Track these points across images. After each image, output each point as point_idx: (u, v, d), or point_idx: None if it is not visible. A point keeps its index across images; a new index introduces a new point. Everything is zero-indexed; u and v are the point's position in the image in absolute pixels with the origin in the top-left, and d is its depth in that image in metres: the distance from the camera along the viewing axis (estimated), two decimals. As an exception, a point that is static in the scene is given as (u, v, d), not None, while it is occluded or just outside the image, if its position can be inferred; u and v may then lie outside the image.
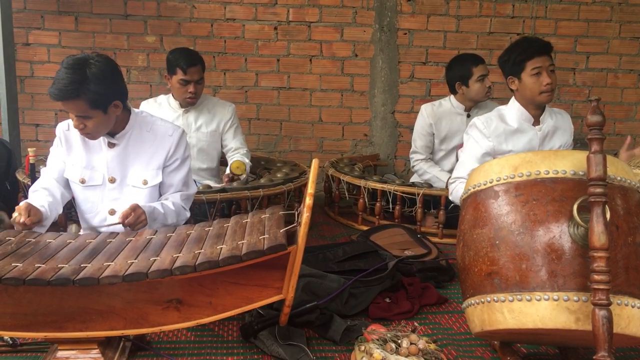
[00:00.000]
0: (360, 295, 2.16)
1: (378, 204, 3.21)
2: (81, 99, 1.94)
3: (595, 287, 1.35)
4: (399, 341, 1.63)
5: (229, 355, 1.83)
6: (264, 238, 1.61)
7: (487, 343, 1.90)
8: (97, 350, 1.64)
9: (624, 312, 1.41)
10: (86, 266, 1.59)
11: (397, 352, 1.60)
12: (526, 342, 1.89)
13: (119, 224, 1.97)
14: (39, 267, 1.58)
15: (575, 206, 1.42)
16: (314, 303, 1.96)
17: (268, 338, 1.83)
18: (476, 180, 1.65)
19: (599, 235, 1.36)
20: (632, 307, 1.42)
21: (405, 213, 3.19)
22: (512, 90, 2.64)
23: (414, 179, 3.59)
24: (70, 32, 3.95)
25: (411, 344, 1.62)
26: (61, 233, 1.89)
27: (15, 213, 1.93)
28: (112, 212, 2.17)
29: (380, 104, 4.15)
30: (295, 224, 1.65)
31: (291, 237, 1.62)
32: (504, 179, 1.57)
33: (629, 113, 4.25)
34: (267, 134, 4.16)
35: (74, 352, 1.65)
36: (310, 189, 1.56)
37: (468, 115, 3.38)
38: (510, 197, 1.54)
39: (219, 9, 3.99)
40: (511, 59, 2.56)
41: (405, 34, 4.07)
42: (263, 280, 1.60)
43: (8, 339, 1.79)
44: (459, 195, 2.59)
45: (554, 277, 1.43)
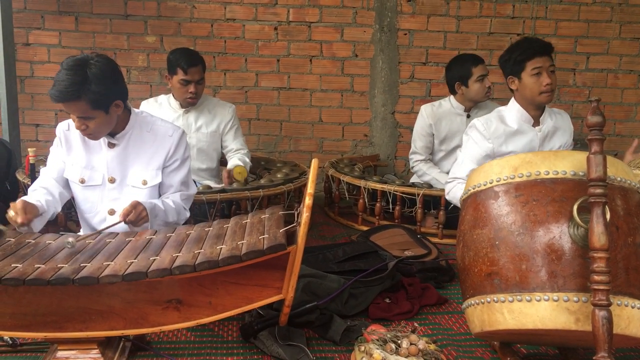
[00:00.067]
0: (360, 296, 2.16)
1: (378, 204, 3.21)
2: (82, 100, 1.94)
3: (595, 287, 1.35)
4: (399, 341, 1.63)
5: (229, 355, 1.83)
6: (263, 238, 1.61)
7: (487, 343, 1.90)
8: (97, 350, 1.64)
9: (624, 312, 1.41)
10: (86, 266, 1.59)
11: (397, 353, 1.60)
12: (526, 343, 1.89)
13: (121, 222, 1.97)
14: (39, 267, 1.58)
15: (575, 207, 1.43)
16: (313, 303, 1.96)
17: (268, 338, 1.83)
18: (476, 181, 1.65)
19: (599, 236, 1.36)
20: (632, 307, 1.42)
21: (405, 213, 3.19)
22: (512, 91, 2.64)
23: (414, 179, 3.58)
24: (71, 32, 3.95)
25: (411, 344, 1.62)
26: (61, 234, 1.89)
27: (11, 211, 1.91)
28: (111, 212, 2.17)
29: (381, 105, 4.15)
30: (295, 224, 1.65)
31: (291, 237, 1.62)
32: (504, 180, 1.57)
33: (629, 114, 4.25)
34: (267, 134, 4.16)
35: (73, 352, 1.65)
36: (310, 189, 1.56)
37: (468, 116, 3.38)
38: (510, 198, 1.54)
39: (219, 9, 3.99)
40: (512, 58, 2.56)
41: (405, 34, 4.07)
42: (263, 281, 1.60)
43: (8, 339, 1.80)
44: (456, 195, 2.61)
45: (554, 277, 1.43)
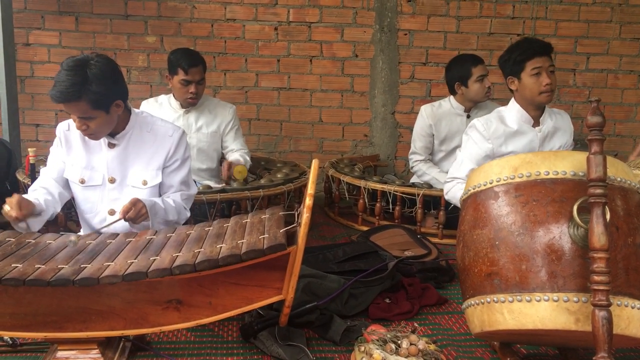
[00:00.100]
0: (360, 296, 2.16)
1: (378, 204, 3.21)
2: (83, 100, 1.94)
3: (595, 288, 1.35)
4: (399, 342, 1.63)
5: (229, 355, 1.83)
6: (263, 238, 1.61)
7: (487, 344, 1.90)
8: (97, 350, 1.64)
9: (624, 313, 1.41)
10: (86, 266, 1.59)
11: (396, 353, 1.60)
12: (526, 343, 1.89)
13: (121, 219, 1.97)
14: (39, 267, 1.58)
15: (575, 207, 1.43)
16: (314, 303, 1.96)
17: (268, 338, 1.83)
18: (476, 181, 1.65)
19: (598, 236, 1.36)
20: (632, 308, 1.42)
21: (405, 214, 3.19)
22: (511, 91, 2.64)
23: (414, 179, 3.58)
24: (71, 32, 3.95)
25: (411, 344, 1.62)
26: (61, 234, 1.89)
27: (6, 206, 1.90)
28: (111, 213, 2.17)
29: (381, 105, 4.15)
30: (295, 225, 1.65)
31: (291, 237, 1.62)
32: (504, 180, 1.57)
33: (629, 114, 4.25)
34: (267, 135, 4.16)
35: (73, 352, 1.65)
36: (310, 189, 1.56)
37: (468, 116, 3.38)
38: (510, 198, 1.54)
39: (220, 9, 3.99)
40: (511, 58, 2.56)
41: (405, 34, 4.07)
42: (263, 281, 1.60)
43: (8, 339, 1.80)
44: (455, 195, 2.61)
45: (553, 277, 1.43)
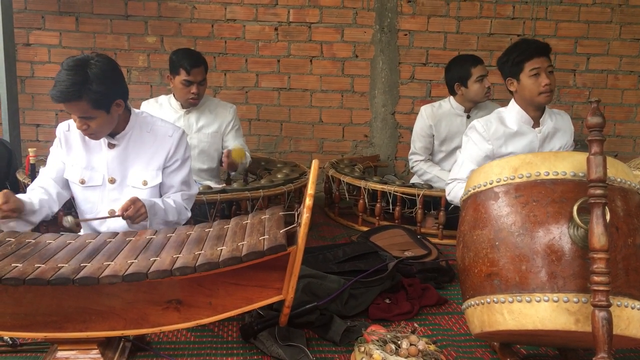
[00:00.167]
0: (360, 296, 2.16)
1: (378, 204, 3.21)
2: (83, 99, 1.94)
3: (595, 288, 1.35)
4: (399, 342, 1.63)
5: (229, 356, 1.83)
6: (264, 239, 1.61)
7: (487, 344, 1.90)
8: (97, 350, 1.64)
9: (624, 313, 1.41)
10: (86, 266, 1.59)
11: (396, 353, 1.60)
12: (526, 343, 1.89)
13: (119, 216, 1.97)
14: (39, 267, 1.58)
15: (575, 207, 1.43)
16: (313, 304, 1.96)
17: (268, 339, 1.83)
18: (476, 182, 1.65)
19: (598, 237, 1.36)
20: (632, 308, 1.42)
21: (406, 214, 3.19)
22: (511, 92, 2.64)
23: (414, 180, 3.58)
24: (71, 32, 3.95)
25: (411, 345, 1.62)
26: (61, 234, 1.89)
27: None
28: (112, 213, 2.17)
29: (381, 105, 4.15)
30: (295, 225, 1.65)
31: (291, 237, 1.62)
32: (504, 180, 1.57)
33: (629, 114, 4.25)
34: (267, 135, 4.16)
35: (73, 352, 1.65)
36: (311, 189, 1.56)
37: (468, 117, 3.38)
38: (510, 199, 1.54)
39: (220, 10, 3.99)
40: (510, 60, 2.56)
41: (405, 35, 4.07)
42: (263, 281, 1.60)
43: (8, 339, 1.80)
44: (457, 195, 2.61)
45: (553, 278, 1.43)
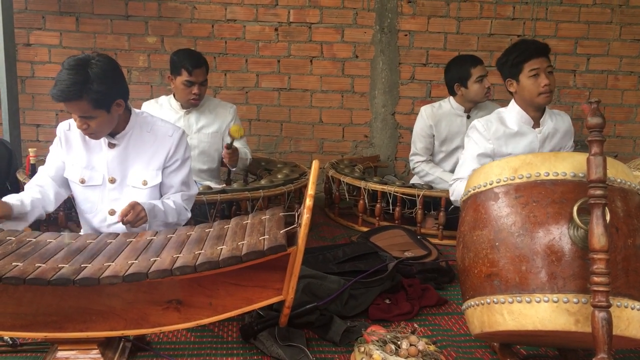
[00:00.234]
0: (360, 297, 2.16)
1: (378, 205, 3.21)
2: (84, 99, 1.94)
3: (595, 289, 1.35)
4: (399, 342, 1.63)
5: (229, 356, 1.83)
6: (264, 239, 1.61)
7: (487, 344, 1.90)
8: (97, 350, 1.64)
9: (624, 314, 1.41)
10: (86, 266, 1.59)
11: (396, 354, 1.60)
12: (526, 344, 1.89)
13: (119, 222, 1.97)
14: (40, 266, 1.58)
15: (575, 208, 1.43)
16: (313, 304, 1.96)
17: (268, 339, 1.83)
18: (476, 182, 1.66)
19: (598, 237, 1.36)
20: (632, 309, 1.43)
21: (406, 214, 3.19)
22: (511, 93, 2.64)
23: (414, 180, 3.58)
24: (71, 32, 3.95)
25: (411, 345, 1.62)
26: (61, 233, 1.89)
27: None
28: (112, 213, 2.17)
29: (381, 105, 4.15)
30: (295, 225, 1.65)
31: (291, 238, 1.62)
32: (504, 181, 1.57)
33: (629, 115, 4.25)
34: (267, 135, 4.16)
35: (74, 352, 1.65)
36: (311, 190, 1.56)
37: (468, 117, 3.38)
38: (510, 199, 1.55)
39: (220, 10, 3.99)
40: (509, 61, 2.56)
41: (405, 35, 4.07)
42: (263, 281, 1.60)
43: (8, 339, 1.80)
44: (460, 193, 2.61)
45: (553, 278, 1.43)
